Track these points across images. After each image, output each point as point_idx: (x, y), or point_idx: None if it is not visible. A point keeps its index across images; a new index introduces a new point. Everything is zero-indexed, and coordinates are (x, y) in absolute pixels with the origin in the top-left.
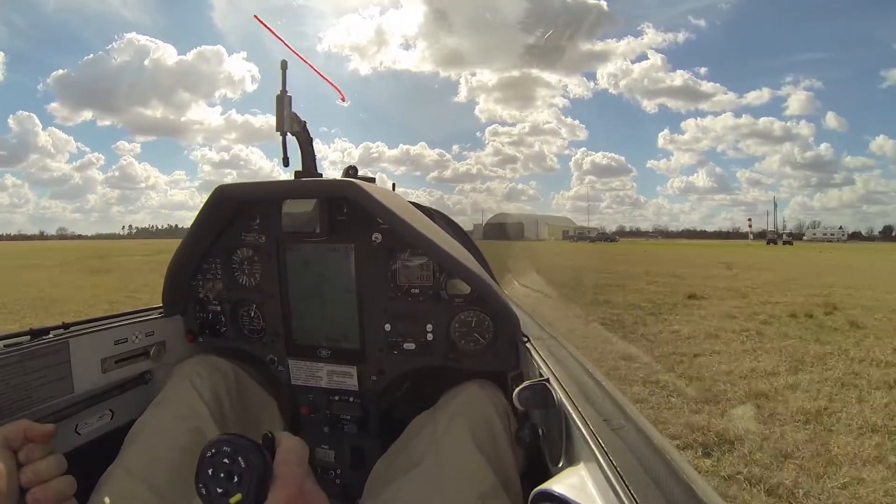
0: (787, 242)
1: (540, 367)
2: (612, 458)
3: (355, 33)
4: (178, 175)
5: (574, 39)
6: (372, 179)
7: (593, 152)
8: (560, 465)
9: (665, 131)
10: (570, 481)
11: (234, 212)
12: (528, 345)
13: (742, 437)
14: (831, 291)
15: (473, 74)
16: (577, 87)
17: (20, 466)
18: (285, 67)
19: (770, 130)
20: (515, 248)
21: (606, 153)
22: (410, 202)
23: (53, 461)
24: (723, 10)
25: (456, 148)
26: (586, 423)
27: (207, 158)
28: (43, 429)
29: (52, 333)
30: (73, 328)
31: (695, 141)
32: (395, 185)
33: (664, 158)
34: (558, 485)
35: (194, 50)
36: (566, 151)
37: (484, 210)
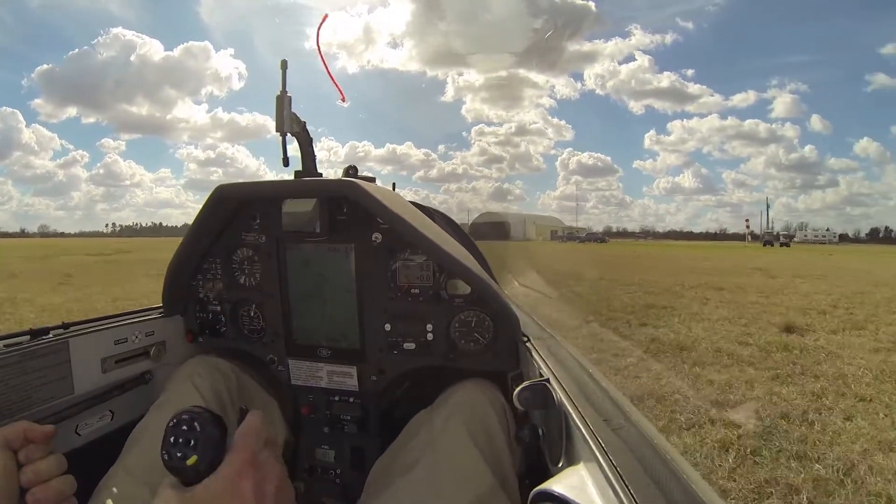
0: (783, 244)
1: (540, 367)
2: (612, 458)
3: (343, 31)
4: (164, 173)
5: (562, 40)
6: (372, 179)
7: (579, 152)
8: (560, 465)
9: (651, 132)
10: (569, 481)
11: (234, 211)
12: (528, 345)
13: None
14: None
15: (461, 74)
16: (564, 87)
17: (20, 467)
18: (285, 67)
19: (755, 132)
20: (507, 251)
21: (593, 153)
22: (410, 202)
23: (53, 461)
24: (710, 12)
25: (442, 148)
26: (586, 423)
27: (193, 156)
28: (43, 429)
29: (52, 333)
30: (73, 328)
31: (681, 142)
32: (395, 185)
33: (650, 159)
34: (558, 485)
35: (181, 46)
36: (552, 151)
37: (470, 210)
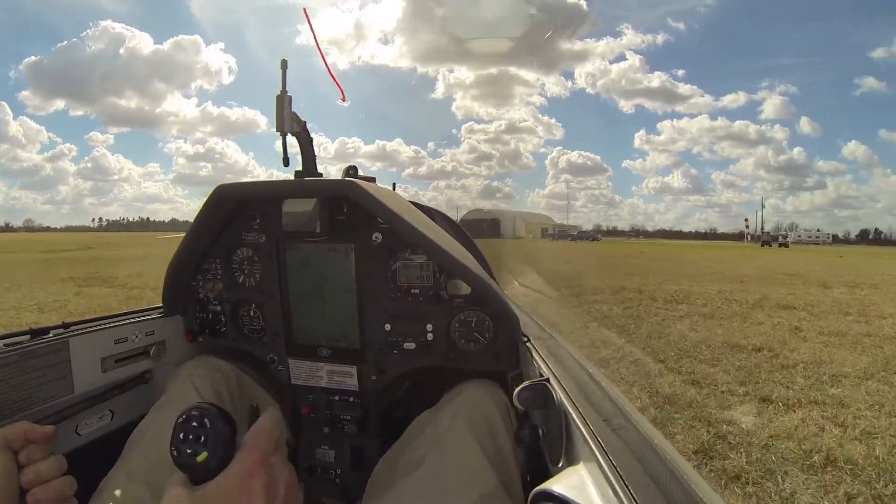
0: (782, 244)
1: (540, 367)
2: (611, 458)
3: (334, 27)
4: (153, 167)
5: (554, 39)
6: (372, 179)
7: (569, 151)
8: (560, 465)
9: (641, 132)
10: (569, 481)
11: (234, 211)
12: (528, 345)
13: None
14: None
15: (451, 71)
16: (554, 85)
17: (21, 467)
18: (285, 67)
19: (745, 133)
20: (500, 250)
21: (582, 152)
22: (410, 202)
23: (54, 462)
24: (702, 13)
25: (432, 145)
26: (586, 423)
27: (182, 151)
28: (43, 430)
29: (52, 333)
30: (73, 327)
31: (671, 142)
32: (395, 185)
33: (640, 159)
34: (558, 485)
35: (171, 39)
36: (542, 150)
37: (458, 207)
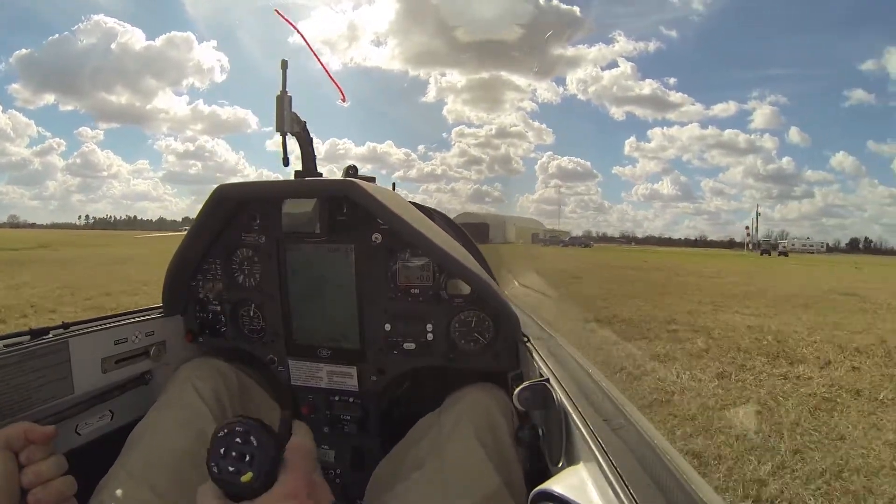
0: (782, 253)
1: (540, 368)
2: (612, 458)
3: (327, 27)
4: (142, 164)
5: (546, 44)
6: (372, 179)
7: (559, 156)
8: (560, 465)
9: (632, 139)
10: (569, 481)
11: (234, 212)
12: (528, 345)
13: None
14: None
15: (443, 75)
16: (546, 91)
17: (21, 468)
18: (285, 67)
19: (735, 142)
20: (495, 256)
21: (573, 158)
22: (410, 202)
23: (54, 462)
24: (694, 22)
25: (422, 148)
26: (586, 423)
27: (172, 149)
28: (44, 430)
29: (52, 333)
30: (72, 328)
31: (661, 149)
32: (395, 185)
33: (630, 165)
34: (558, 485)
35: (163, 36)
36: (532, 155)
37: (448, 210)
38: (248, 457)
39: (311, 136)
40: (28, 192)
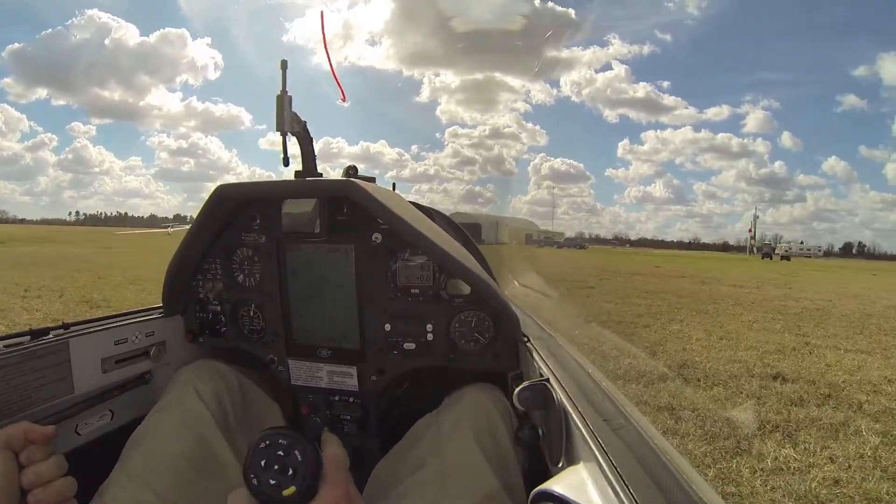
0: (784, 257)
1: (540, 367)
2: (612, 458)
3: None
4: (134, 161)
5: (541, 46)
6: (372, 179)
7: (552, 158)
8: (560, 465)
9: (625, 141)
10: (569, 481)
11: (234, 212)
12: (528, 345)
13: None
14: None
15: (437, 75)
16: (539, 93)
17: (21, 468)
18: (285, 67)
19: (728, 146)
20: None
21: (566, 160)
22: (410, 202)
23: (54, 463)
24: (689, 26)
25: (415, 148)
26: (586, 423)
27: (165, 145)
28: (44, 430)
29: (52, 334)
30: (73, 328)
31: (654, 152)
32: (394, 185)
33: (622, 168)
34: (558, 485)
35: (157, 32)
36: (525, 156)
37: (440, 210)
38: (290, 470)
39: (311, 136)
40: (19, 188)
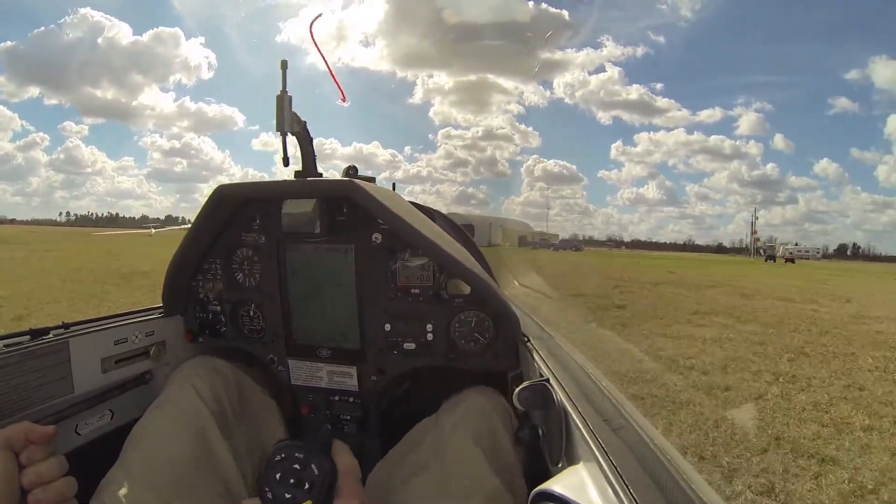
0: (788, 260)
1: (540, 368)
2: (612, 458)
3: (315, 27)
4: (127, 161)
5: (534, 47)
6: (372, 179)
7: (545, 160)
8: (560, 465)
9: (618, 143)
10: (569, 481)
11: (234, 212)
12: (528, 345)
13: None
14: None
15: (430, 76)
16: (532, 94)
17: (21, 468)
18: (285, 67)
19: (720, 148)
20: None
21: (559, 161)
22: (410, 202)
23: (54, 463)
24: (682, 28)
25: (408, 149)
26: (586, 423)
27: (157, 146)
28: (44, 430)
29: (52, 333)
30: (73, 328)
31: (647, 154)
32: (395, 185)
33: (615, 169)
34: (558, 485)
35: (151, 31)
36: (518, 157)
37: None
38: (307, 484)
39: (311, 136)
40: (10, 188)
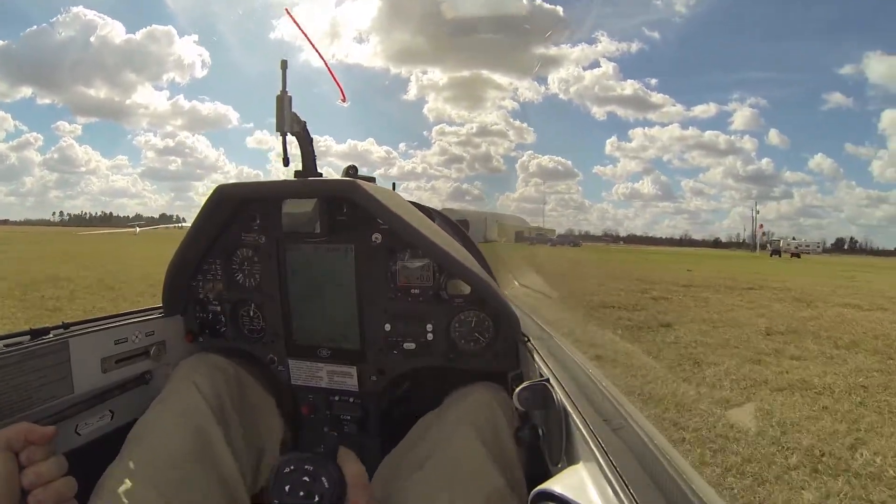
0: (794, 255)
1: (540, 368)
2: (612, 458)
3: (309, 23)
4: (121, 160)
5: (529, 43)
6: (372, 179)
7: (540, 155)
8: (560, 465)
9: (613, 138)
10: (569, 481)
11: (234, 212)
12: (528, 345)
13: None
14: None
15: (424, 73)
16: (527, 90)
17: (21, 468)
18: (285, 67)
19: (715, 143)
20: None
21: (553, 157)
22: (410, 202)
23: (54, 463)
24: (677, 23)
25: (403, 146)
26: (586, 423)
27: (151, 144)
28: (44, 431)
29: (52, 333)
30: (73, 328)
31: (641, 149)
32: (395, 185)
33: (610, 165)
34: (558, 485)
35: (144, 29)
36: (513, 153)
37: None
38: (316, 497)
39: (311, 136)
40: (4, 188)
